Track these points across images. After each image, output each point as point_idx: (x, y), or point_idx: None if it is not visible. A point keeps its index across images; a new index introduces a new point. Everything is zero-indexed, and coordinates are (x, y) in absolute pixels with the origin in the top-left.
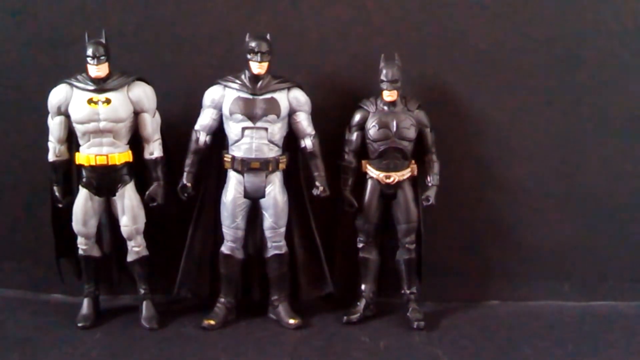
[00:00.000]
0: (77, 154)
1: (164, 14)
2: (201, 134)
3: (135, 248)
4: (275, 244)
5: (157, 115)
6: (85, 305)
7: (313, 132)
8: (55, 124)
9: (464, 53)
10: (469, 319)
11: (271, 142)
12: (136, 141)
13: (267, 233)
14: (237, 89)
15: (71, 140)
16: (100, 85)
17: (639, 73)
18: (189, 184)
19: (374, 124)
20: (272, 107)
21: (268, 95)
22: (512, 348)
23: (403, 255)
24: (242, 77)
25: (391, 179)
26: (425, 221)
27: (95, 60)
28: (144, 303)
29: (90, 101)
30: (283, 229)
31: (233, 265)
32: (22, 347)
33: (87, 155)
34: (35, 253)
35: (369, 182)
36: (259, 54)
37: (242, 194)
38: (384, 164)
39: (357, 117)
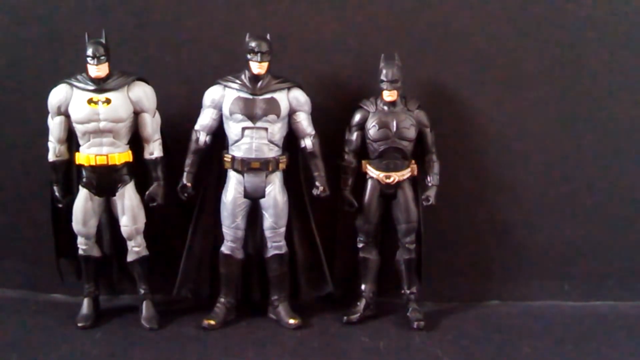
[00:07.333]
0: (77, 154)
1: (164, 14)
2: (201, 134)
3: (135, 248)
4: (275, 244)
5: (157, 115)
6: (85, 305)
7: (313, 132)
8: (55, 124)
9: (464, 53)
10: (469, 319)
11: (271, 142)
12: (136, 141)
13: (267, 233)
14: (237, 89)
15: (71, 140)
16: (100, 85)
17: (639, 73)
18: (189, 184)
19: (374, 124)
20: (272, 107)
21: (268, 95)
22: (512, 348)
23: (403, 255)
24: (242, 77)
25: (391, 179)
26: (425, 221)
27: (95, 60)
28: (144, 303)
29: (90, 101)
30: (283, 229)
31: (233, 265)
32: (22, 347)
33: (87, 155)
34: (35, 253)
35: (369, 182)
36: (259, 54)
37: (242, 194)
38: (384, 164)
39: (357, 117)
